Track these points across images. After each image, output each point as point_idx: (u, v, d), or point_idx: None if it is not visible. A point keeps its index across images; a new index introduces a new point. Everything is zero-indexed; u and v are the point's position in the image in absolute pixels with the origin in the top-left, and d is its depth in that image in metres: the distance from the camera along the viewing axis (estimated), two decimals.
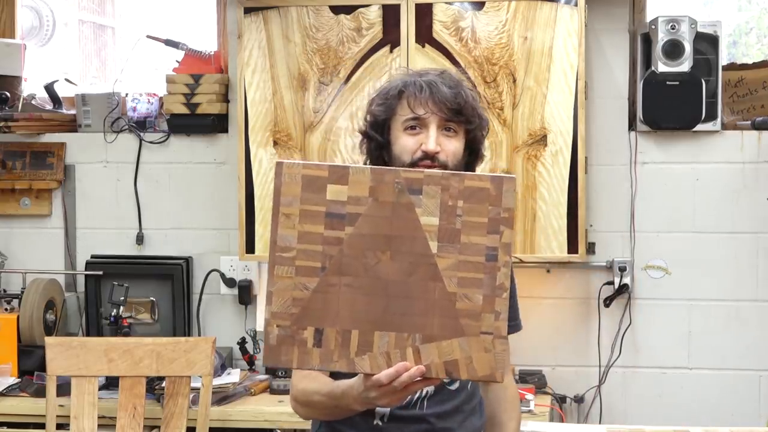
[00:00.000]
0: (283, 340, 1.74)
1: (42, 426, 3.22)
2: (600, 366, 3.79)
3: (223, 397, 3.48)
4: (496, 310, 1.74)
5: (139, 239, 4.00)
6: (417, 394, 2.07)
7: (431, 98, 2.06)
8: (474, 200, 1.75)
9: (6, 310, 3.82)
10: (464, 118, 2.08)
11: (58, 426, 3.16)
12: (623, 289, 3.74)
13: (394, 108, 2.10)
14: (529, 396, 3.43)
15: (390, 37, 3.58)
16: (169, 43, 3.97)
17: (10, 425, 3.46)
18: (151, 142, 3.99)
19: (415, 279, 1.74)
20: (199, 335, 3.93)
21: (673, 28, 3.60)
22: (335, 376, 1.95)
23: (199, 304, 3.97)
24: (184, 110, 3.89)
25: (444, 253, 1.74)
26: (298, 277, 1.74)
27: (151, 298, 3.89)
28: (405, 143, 2.08)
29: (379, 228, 1.74)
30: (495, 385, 2.17)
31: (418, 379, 1.74)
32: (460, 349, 1.73)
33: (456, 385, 2.11)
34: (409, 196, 1.74)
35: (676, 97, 3.63)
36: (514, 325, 2.21)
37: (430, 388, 2.08)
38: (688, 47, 3.61)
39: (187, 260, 3.95)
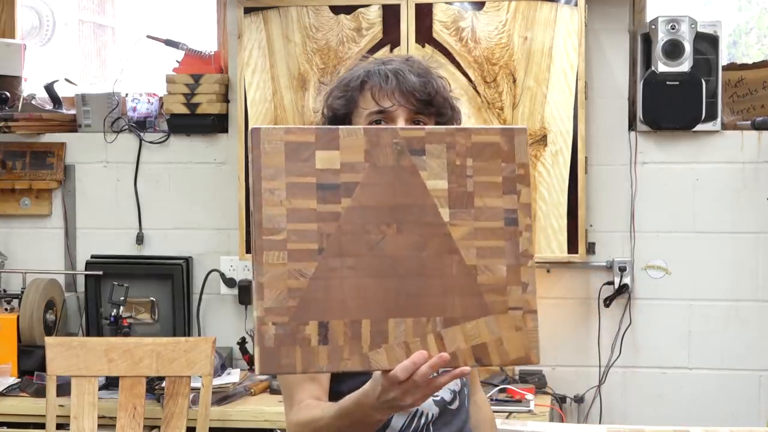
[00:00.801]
0: (282, 340, 1.47)
1: (42, 426, 3.22)
2: (600, 366, 3.79)
3: (223, 397, 3.48)
4: (523, 281, 1.54)
5: (139, 239, 4.00)
6: (422, 420, 1.91)
7: (398, 88, 1.86)
8: (484, 157, 1.55)
9: (6, 310, 3.82)
10: (435, 109, 1.89)
11: (58, 426, 3.16)
12: (623, 289, 3.74)
13: (356, 100, 1.90)
14: (529, 396, 3.42)
15: (390, 37, 3.58)
16: (169, 43, 3.97)
17: (10, 425, 3.46)
18: (151, 142, 3.99)
19: (428, 253, 1.52)
20: (199, 335, 3.93)
21: (673, 28, 3.60)
22: (335, 397, 1.77)
23: (199, 304, 3.97)
24: (184, 110, 3.89)
25: (457, 220, 1.53)
26: (291, 262, 1.48)
27: (151, 298, 3.89)
28: None
29: (381, 197, 1.52)
30: (471, 406, 2.06)
31: (446, 369, 1.52)
32: (488, 331, 1.52)
33: (456, 404, 1.98)
34: (411, 158, 1.53)
35: (676, 97, 3.63)
36: None
37: (435, 411, 1.93)
38: (688, 47, 3.61)
39: (187, 260, 3.95)
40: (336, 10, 3.61)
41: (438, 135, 1.54)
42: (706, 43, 3.66)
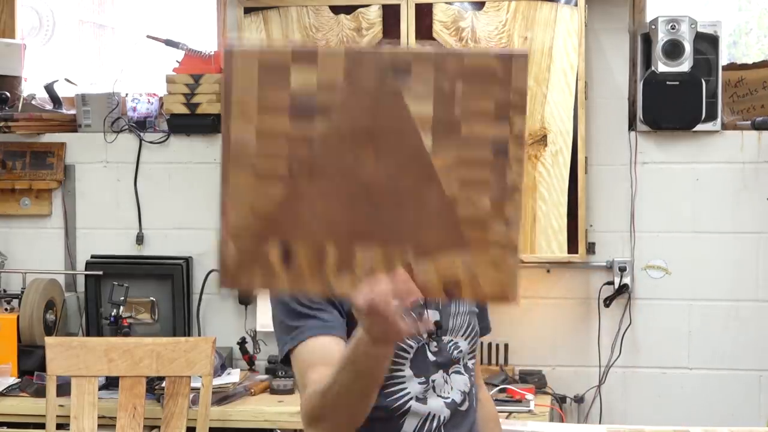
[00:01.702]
0: (244, 259, 1.42)
1: (42, 426, 3.22)
2: (600, 366, 3.79)
3: (223, 397, 3.48)
4: (507, 216, 1.42)
5: (139, 239, 4.00)
6: (434, 423, 1.90)
7: None
8: (477, 81, 1.40)
9: (6, 310, 3.82)
10: None
11: (58, 426, 3.16)
12: (623, 289, 3.74)
13: None
14: (529, 396, 3.43)
15: (390, 37, 3.57)
16: (169, 43, 3.97)
17: (10, 425, 3.46)
18: (151, 142, 3.99)
19: (407, 182, 1.41)
20: (199, 335, 3.93)
21: (673, 28, 3.60)
22: None
23: (199, 304, 3.97)
24: (184, 110, 3.89)
25: (441, 148, 1.41)
26: (257, 182, 1.41)
27: (151, 298, 3.89)
28: None
29: (359, 120, 1.40)
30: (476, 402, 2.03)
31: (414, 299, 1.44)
32: (463, 266, 1.42)
33: (466, 405, 1.97)
34: (395, 79, 1.39)
35: (676, 97, 3.63)
36: (484, 327, 2.11)
37: (446, 413, 1.91)
38: (688, 47, 3.61)
39: (187, 260, 3.95)
40: (336, 10, 3.61)
41: (426, 55, 1.40)
42: (706, 43, 3.66)
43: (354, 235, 1.41)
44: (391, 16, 3.57)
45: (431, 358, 1.92)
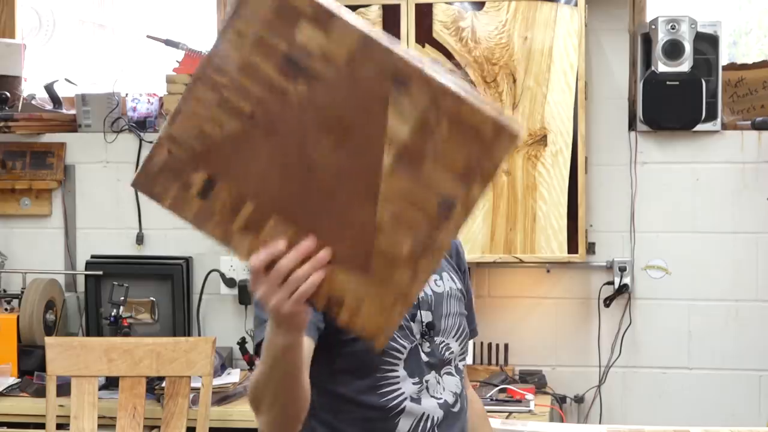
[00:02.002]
0: (168, 169, 1.40)
1: (42, 426, 3.22)
2: (600, 366, 3.79)
3: (223, 397, 3.48)
4: (418, 270, 1.38)
5: (139, 239, 4.00)
6: (428, 423, 1.90)
7: None
8: (461, 131, 1.34)
9: (6, 310, 3.82)
10: None
11: (58, 426, 3.16)
12: (623, 289, 3.74)
13: None
14: (529, 396, 3.43)
15: None
16: (169, 43, 3.97)
17: (10, 425, 3.46)
18: (151, 142, 3.98)
19: (348, 185, 1.36)
20: (199, 335, 3.93)
21: (673, 28, 3.60)
22: (332, 376, 1.79)
23: (199, 304, 3.97)
24: None
25: (394, 173, 1.35)
26: (218, 109, 1.36)
27: (151, 298, 3.89)
28: None
29: (337, 105, 1.35)
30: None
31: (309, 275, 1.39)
32: (353, 290, 1.40)
33: (458, 406, 1.97)
34: (390, 86, 1.33)
35: (676, 97, 3.63)
36: (472, 330, 2.10)
37: (440, 414, 1.91)
38: (688, 47, 3.61)
39: (187, 260, 3.95)
40: None
41: (428, 80, 1.33)
42: (706, 43, 3.66)
43: (276, 205, 1.38)
44: (391, 16, 3.57)
45: (424, 358, 1.91)
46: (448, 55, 3.54)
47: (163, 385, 3.24)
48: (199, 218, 1.41)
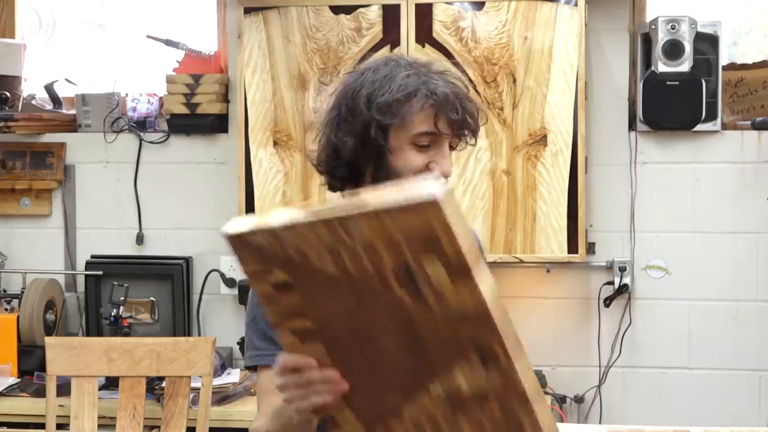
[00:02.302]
0: (260, 251, 1.42)
1: (42, 426, 3.22)
2: (600, 366, 3.79)
3: (223, 397, 3.48)
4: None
5: (139, 239, 4.00)
6: None
7: (459, 121, 1.77)
8: (506, 424, 1.37)
9: (6, 310, 3.82)
10: (474, 141, 1.85)
11: (58, 426, 3.15)
12: (623, 289, 3.74)
13: (411, 114, 1.76)
14: None
15: (390, 37, 3.58)
16: (169, 43, 3.97)
17: (10, 425, 3.46)
18: (151, 142, 3.99)
19: (393, 375, 1.41)
20: (199, 335, 3.93)
21: (673, 28, 3.60)
22: None
23: (199, 304, 3.97)
24: (184, 110, 3.89)
25: (435, 402, 1.39)
26: (326, 252, 1.36)
27: (151, 298, 3.89)
28: (413, 160, 1.78)
29: (426, 329, 1.35)
30: None
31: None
32: (352, 430, 1.49)
33: None
34: (472, 354, 1.34)
35: (676, 97, 3.63)
36: None
37: None
38: (688, 47, 3.61)
39: (187, 260, 3.95)
40: (336, 10, 3.61)
41: (506, 372, 1.32)
42: (706, 43, 3.66)
43: (329, 340, 1.44)
44: (391, 16, 3.57)
45: None
46: (448, 55, 3.54)
47: (163, 385, 3.24)
48: (266, 298, 1.44)
